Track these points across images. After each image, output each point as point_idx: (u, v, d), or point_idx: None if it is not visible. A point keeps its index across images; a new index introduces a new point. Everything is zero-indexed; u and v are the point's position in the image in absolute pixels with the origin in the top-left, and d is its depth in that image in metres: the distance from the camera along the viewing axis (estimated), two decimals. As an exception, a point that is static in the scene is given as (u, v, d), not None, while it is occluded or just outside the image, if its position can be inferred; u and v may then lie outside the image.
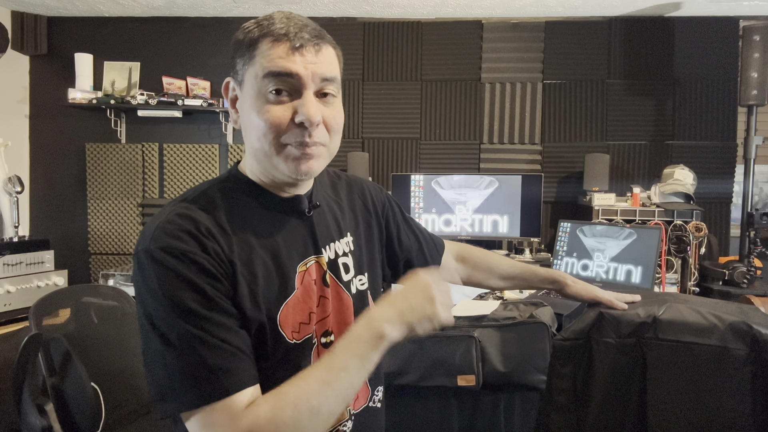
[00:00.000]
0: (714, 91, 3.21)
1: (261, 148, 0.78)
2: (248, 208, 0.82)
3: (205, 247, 0.73)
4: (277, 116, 0.76)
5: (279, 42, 0.76)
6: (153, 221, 0.76)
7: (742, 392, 1.02)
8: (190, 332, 0.69)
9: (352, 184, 1.04)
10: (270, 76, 0.75)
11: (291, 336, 0.80)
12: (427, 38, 3.34)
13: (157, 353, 0.70)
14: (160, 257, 0.71)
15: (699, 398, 1.04)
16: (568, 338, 1.14)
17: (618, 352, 1.08)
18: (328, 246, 0.89)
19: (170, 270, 0.70)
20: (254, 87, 0.77)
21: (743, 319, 1.04)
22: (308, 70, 0.76)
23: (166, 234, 0.72)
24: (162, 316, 0.70)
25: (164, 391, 0.69)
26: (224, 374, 0.69)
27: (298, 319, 0.81)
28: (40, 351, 1.86)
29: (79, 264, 3.46)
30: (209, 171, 3.45)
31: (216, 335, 0.70)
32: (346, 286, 0.90)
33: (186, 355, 0.69)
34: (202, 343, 0.69)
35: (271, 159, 0.79)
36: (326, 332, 0.86)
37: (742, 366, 1.02)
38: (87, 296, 2.25)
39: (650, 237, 2.43)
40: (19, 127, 3.47)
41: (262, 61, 0.76)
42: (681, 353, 1.05)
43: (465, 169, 3.33)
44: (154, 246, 0.71)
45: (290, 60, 0.75)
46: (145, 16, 3.44)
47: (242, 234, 0.79)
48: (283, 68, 0.75)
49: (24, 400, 1.81)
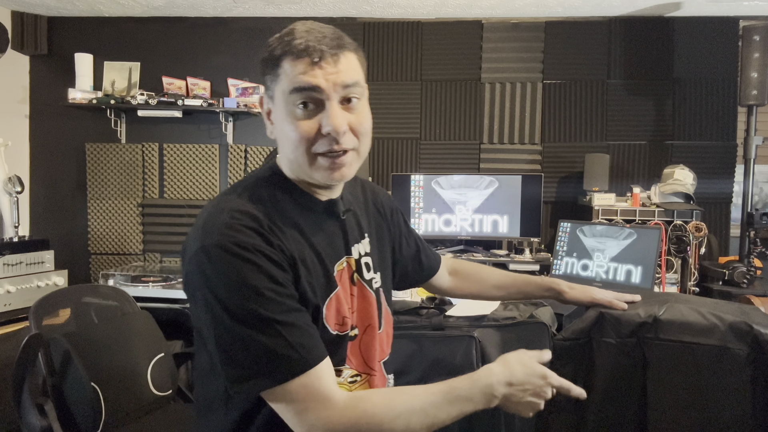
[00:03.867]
0: (714, 91, 3.21)
1: (295, 159, 0.85)
2: (292, 208, 0.88)
3: (270, 240, 0.79)
4: (305, 130, 0.82)
5: (300, 58, 0.80)
6: (212, 217, 0.81)
7: (743, 392, 1.02)
8: (268, 316, 0.75)
9: (366, 187, 1.10)
10: (295, 92, 0.81)
11: (334, 328, 0.87)
12: (427, 38, 3.34)
13: (237, 338, 0.76)
14: (235, 251, 0.76)
15: (699, 398, 1.04)
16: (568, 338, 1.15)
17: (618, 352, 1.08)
18: (354, 246, 0.95)
19: (245, 261, 0.76)
20: (283, 102, 0.83)
21: (744, 319, 1.04)
22: (329, 82, 0.81)
23: (234, 230, 0.78)
24: (239, 303, 0.75)
25: (249, 373, 0.75)
26: (305, 350, 0.77)
27: (342, 313, 0.88)
28: (40, 351, 1.86)
29: (79, 264, 3.46)
30: (209, 171, 3.45)
31: (291, 317, 0.77)
32: (368, 284, 0.97)
33: (268, 337, 0.75)
34: (280, 324, 0.76)
35: (306, 168, 0.85)
36: (352, 326, 0.92)
37: (743, 366, 1.02)
38: (87, 296, 2.25)
39: (650, 237, 2.43)
40: (19, 127, 3.47)
41: (287, 78, 0.81)
42: (681, 353, 1.05)
43: (465, 169, 3.33)
44: (226, 241, 0.77)
45: (311, 75, 0.80)
46: (145, 16, 3.44)
47: (292, 231, 0.85)
48: (305, 83, 0.80)
49: (24, 400, 1.81)
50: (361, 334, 0.93)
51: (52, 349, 1.89)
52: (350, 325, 0.91)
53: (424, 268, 1.22)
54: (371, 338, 0.95)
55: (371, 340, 0.95)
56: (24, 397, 1.81)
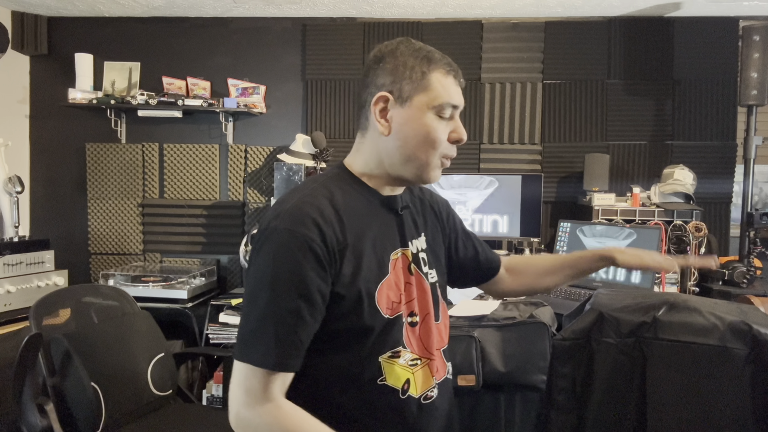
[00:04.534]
0: (714, 91, 3.21)
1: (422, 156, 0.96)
2: (357, 201, 0.98)
3: (324, 234, 0.88)
4: (442, 133, 0.96)
5: (448, 74, 0.97)
6: (282, 204, 0.92)
7: (742, 392, 1.02)
8: (277, 307, 0.85)
9: (424, 190, 1.20)
10: (447, 105, 0.96)
11: (385, 311, 0.94)
12: (427, 38, 3.34)
13: (250, 309, 0.88)
14: (285, 236, 0.86)
15: (699, 397, 1.04)
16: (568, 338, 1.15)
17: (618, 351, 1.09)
18: (411, 241, 1.04)
19: (288, 249, 0.86)
20: (427, 108, 0.95)
21: (743, 319, 1.04)
22: (462, 100, 0.99)
23: (294, 218, 0.88)
24: (266, 282, 0.86)
25: (239, 340, 0.87)
26: (281, 354, 0.85)
27: (392, 298, 0.96)
28: (41, 351, 1.86)
29: (79, 264, 3.46)
30: (209, 171, 3.45)
31: (292, 321, 0.85)
32: (426, 276, 1.05)
33: (263, 321, 0.86)
34: (278, 320, 0.85)
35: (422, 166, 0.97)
36: (412, 313, 0.99)
37: (742, 366, 1.02)
38: (87, 296, 2.25)
39: (650, 237, 2.43)
40: (19, 127, 3.47)
41: (439, 89, 0.95)
42: (681, 353, 1.05)
43: (465, 169, 3.33)
44: (282, 226, 0.87)
45: (458, 93, 0.98)
46: (145, 16, 3.44)
47: (354, 221, 0.94)
48: (457, 101, 0.97)
49: (24, 400, 1.81)
50: (421, 322, 1.01)
51: (52, 349, 1.90)
52: (407, 312, 0.99)
53: (482, 269, 1.27)
54: (429, 326, 1.02)
55: (429, 328, 1.02)
56: (24, 397, 1.81)
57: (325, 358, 0.93)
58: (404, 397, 0.96)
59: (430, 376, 1.00)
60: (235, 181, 3.45)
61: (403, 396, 0.96)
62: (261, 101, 3.36)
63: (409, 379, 0.97)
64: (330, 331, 0.91)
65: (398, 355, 0.96)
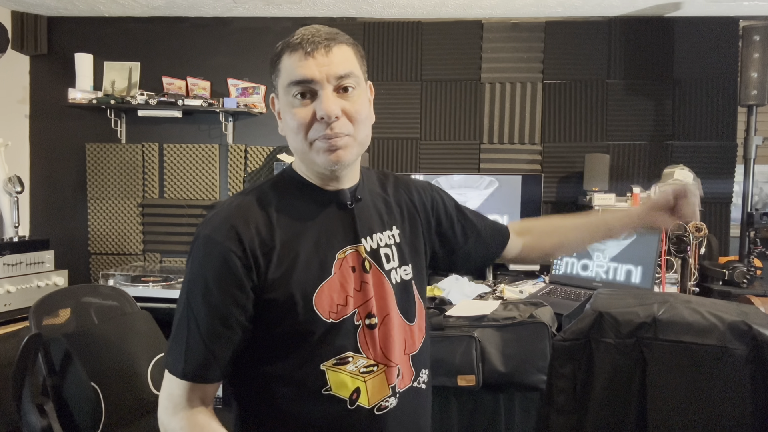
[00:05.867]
0: (714, 91, 3.21)
1: (297, 147, 0.91)
2: (296, 201, 0.94)
3: (242, 242, 0.85)
4: (302, 116, 0.87)
5: (294, 51, 0.87)
6: (211, 210, 0.92)
7: (742, 392, 1.02)
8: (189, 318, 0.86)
9: (399, 182, 1.12)
10: (292, 84, 0.87)
11: (328, 315, 0.89)
12: (427, 38, 3.34)
13: (176, 315, 0.89)
14: (204, 246, 0.87)
15: (699, 398, 1.04)
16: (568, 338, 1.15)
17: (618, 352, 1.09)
18: (369, 237, 0.97)
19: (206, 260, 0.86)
20: (284, 95, 0.90)
21: (743, 319, 1.04)
22: (322, 72, 0.86)
23: (215, 225, 0.87)
24: (184, 291, 0.88)
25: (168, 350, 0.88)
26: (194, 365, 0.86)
27: (336, 300, 0.90)
28: (41, 351, 1.86)
29: (79, 264, 3.46)
30: (209, 171, 3.45)
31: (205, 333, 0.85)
32: (387, 274, 0.98)
33: (179, 330, 0.87)
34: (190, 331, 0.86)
35: (307, 155, 0.90)
36: (369, 314, 0.93)
37: (742, 366, 1.02)
38: (87, 296, 2.25)
39: (650, 237, 2.43)
40: (19, 127, 3.47)
41: (284, 72, 0.89)
42: (681, 353, 1.05)
43: (465, 169, 3.33)
44: (204, 232, 0.87)
45: (305, 66, 0.86)
46: (145, 16, 3.44)
47: (288, 222, 0.90)
48: (300, 75, 0.86)
49: (24, 400, 1.81)
50: (380, 324, 0.94)
51: (52, 349, 1.89)
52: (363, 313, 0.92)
53: (490, 243, 1.20)
54: (389, 328, 0.94)
55: (389, 331, 0.94)
56: (24, 397, 1.81)
57: (271, 366, 0.90)
58: (352, 408, 0.90)
59: (386, 385, 0.92)
60: (235, 181, 3.45)
61: (351, 406, 0.90)
62: (261, 101, 3.36)
63: (359, 388, 0.90)
64: (270, 337, 0.89)
65: (345, 361, 0.90)
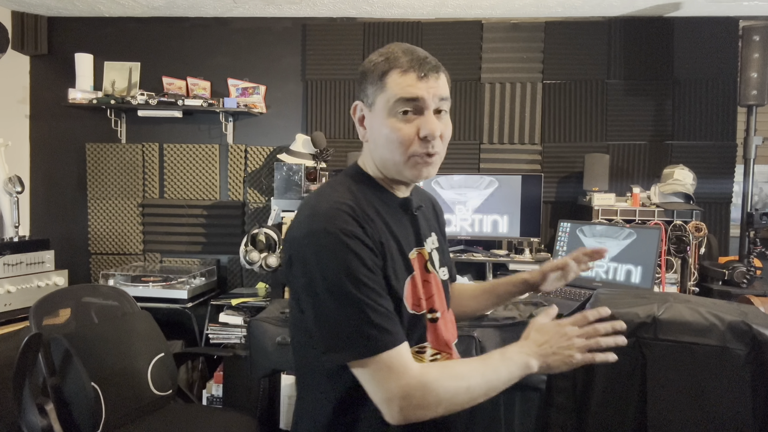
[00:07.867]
0: (714, 91, 3.21)
1: (392, 158, 0.98)
2: (376, 201, 1.01)
3: (365, 230, 0.92)
4: (406, 133, 0.96)
5: (407, 72, 0.95)
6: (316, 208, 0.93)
7: (742, 392, 1.02)
8: (359, 297, 0.87)
9: (424, 194, 1.24)
10: (402, 100, 0.95)
11: (412, 308, 0.99)
12: (427, 38, 3.34)
13: (330, 313, 0.88)
14: (340, 236, 0.89)
15: (699, 398, 1.04)
16: (567, 338, 1.14)
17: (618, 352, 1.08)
18: (426, 241, 1.09)
19: (346, 246, 0.88)
20: (386, 109, 0.96)
21: (743, 319, 1.04)
22: (430, 94, 0.96)
23: (337, 218, 0.90)
24: (336, 283, 0.87)
25: (337, 344, 0.87)
26: (386, 332, 0.87)
27: (417, 295, 1.00)
28: (41, 351, 1.87)
29: (79, 264, 3.47)
30: (209, 171, 3.45)
31: (377, 301, 0.89)
32: (438, 274, 1.10)
33: (356, 315, 0.87)
34: (368, 306, 0.87)
35: (399, 167, 0.99)
36: (432, 309, 1.04)
37: (742, 366, 1.02)
38: (87, 296, 2.26)
39: (650, 237, 2.43)
40: (19, 127, 3.47)
41: (393, 88, 0.95)
42: (681, 353, 1.05)
43: (465, 169, 3.33)
44: (332, 227, 0.89)
45: (418, 87, 0.95)
46: (145, 16, 3.44)
47: (377, 220, 0.97)
48: (412, 94, 0.94)
49: (24, 400, 1.82)
50: (440, 318, 1.05)
51: (52, 349, 1.90)
52: (427, 308, 1.02)
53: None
54: (446, 322, 1.08)
55: (446, 324, 1.07)
56: (24, 397, 1.82)
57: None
58: None
59: None
60: (235, 181, 3.45)
61: None
62: (261, 101, 3.36)
63: None
64: None
65: (423, 350, 1.02)
